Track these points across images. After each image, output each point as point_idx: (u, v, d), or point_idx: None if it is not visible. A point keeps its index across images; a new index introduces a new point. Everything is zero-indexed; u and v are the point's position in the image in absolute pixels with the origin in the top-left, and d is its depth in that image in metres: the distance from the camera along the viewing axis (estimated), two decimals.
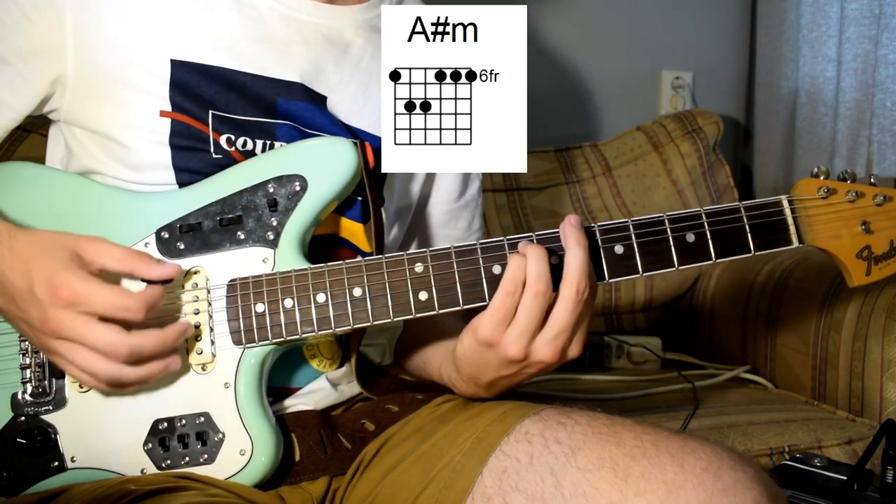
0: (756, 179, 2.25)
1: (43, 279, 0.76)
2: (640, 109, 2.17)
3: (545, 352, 0.82)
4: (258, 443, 0.83)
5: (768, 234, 0.89)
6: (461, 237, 1.11)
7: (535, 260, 0.82)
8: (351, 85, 0.95)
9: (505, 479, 0.79)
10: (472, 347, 0.85)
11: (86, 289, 0.76)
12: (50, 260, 0.77)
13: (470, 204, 1.11)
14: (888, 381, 1.32)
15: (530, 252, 0.82)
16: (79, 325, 0.76)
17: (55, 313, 0.76)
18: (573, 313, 0.81)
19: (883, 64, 1.90)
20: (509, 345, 0.81)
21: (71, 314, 0.76)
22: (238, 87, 0.89)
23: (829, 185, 0.90)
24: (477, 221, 1.13)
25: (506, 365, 0.83)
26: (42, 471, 0.84)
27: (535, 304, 0.81)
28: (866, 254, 0.90)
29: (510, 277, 0.81)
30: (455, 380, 0.92)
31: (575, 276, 0.81)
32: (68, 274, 0.76)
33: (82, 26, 0.87)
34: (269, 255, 0.86)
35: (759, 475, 0.75)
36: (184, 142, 0.88)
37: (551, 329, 0.81)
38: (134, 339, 0.77)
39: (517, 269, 0.81)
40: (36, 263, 0.77)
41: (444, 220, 1.09)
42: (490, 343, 0.82)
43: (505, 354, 0.82)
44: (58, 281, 0.76)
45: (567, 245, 0.83)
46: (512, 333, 0.81)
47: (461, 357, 0.87)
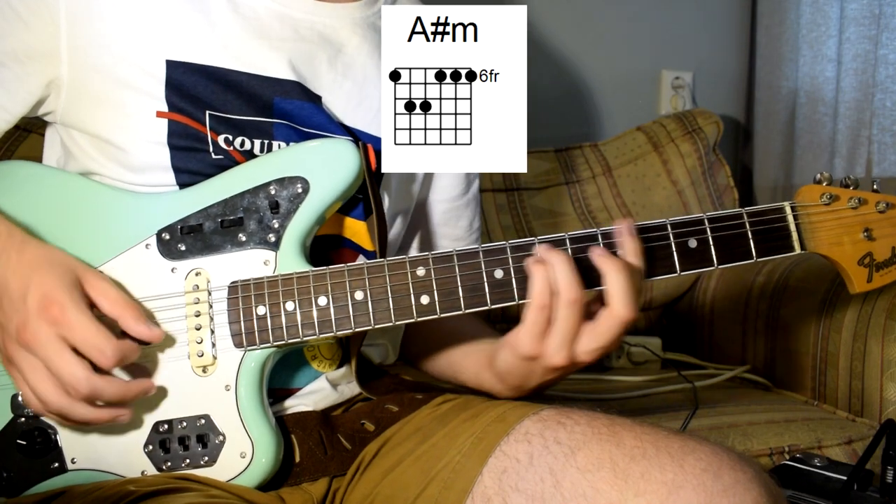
0: (756, 179, 2.25)
1: (39, 290, 0.77)
2: (640, 109, 2.17)
3: (588, 357, 0.83)
4: (259, 445, 0.83)
5: (770, 241, 0.89)
6: (462, 236, 1.11)
7: (561, 267, 0.82)
8: (345, 84, 0.95)
9: (505, 480, 0.79)
10: (514, 362, 0.87)
11: (75, 315, 0.76)
12: (53, 276, 0.78)
13: (472, 202, 1.11)
14: (888, 381, 1.32)
15: (555, 260, 0.82)
16: (53, 346, 0.76)
17: (36, 326, 0.76)
18: (619, 334, 0.83)
19: (883, 64, 1.90)
20: (552, 355, 0.83)
21: (50, 332, 0.76)
22: (234, 86, 0.89)
23: (832, 191, 0.90)
24: (477, 221, 1.13)
25: (551, 371, 0.85)
26: (42, 472, 0.84)
27: (572, 313, 0.82)
28: (868, 261, 0.90)
29: (539, 291, 0.82)
30: (499, 389, 0.94)
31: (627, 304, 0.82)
32: (65, 295, 0.77)
33: (77, 28, 0.87)
34: (271, 257, 0.86)
35: (759, 475, 0.75)
36: (182, 142, 0.88)
37: (594, 342, 0.83)
38: (97, 381, 0.76)
39: (542, 282, 0.82)
40: (39, 274, 0.78)
41: (446, 218, 1.09)
42: (532, 357, 0.84)
43: (549, 364, 0.83)
44: (53, 296, 0.76)
45: (628, 254, 0.84)
46: (553, 344, 0.82)
47: (504, 371, 0.90)
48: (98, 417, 0.79)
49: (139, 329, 0.79)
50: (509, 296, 0.86)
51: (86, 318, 0.77)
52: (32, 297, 0.76)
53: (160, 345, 0.84)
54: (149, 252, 0.86)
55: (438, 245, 1.10)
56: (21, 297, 0.77)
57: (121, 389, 0.79)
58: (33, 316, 0.76)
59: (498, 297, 0.86)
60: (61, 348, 0.76)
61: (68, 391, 0.77)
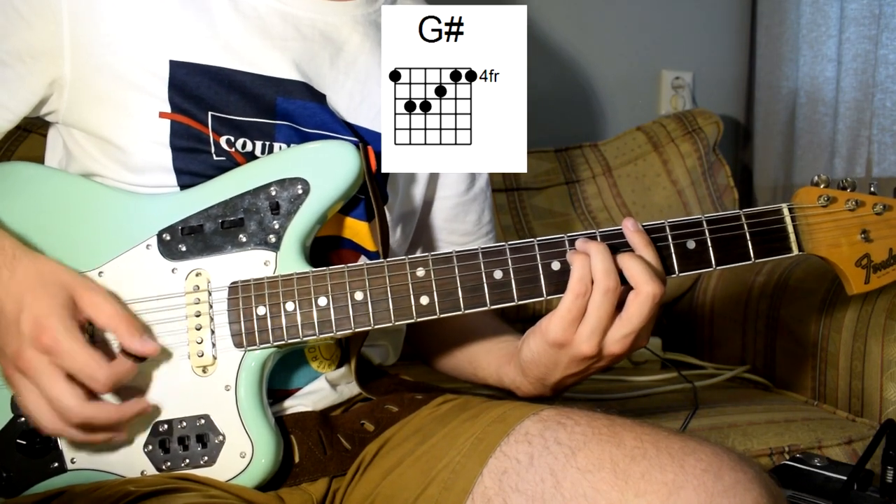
0: (756, 179, 2.25)
1: (31, 316, 0.77)
2: (640, 109, 2.17)
3: (618, 347, 0.84)
4: (258, 445, 0.83)
5: (768, 242, 0.90)
6: (470, 231, 1.11)
7: (600, 257, 0.83)
8: (347, 82, 0.95)
9: (505, 480, 0.79)
10: (541, 350, 0.87)
11: (66, 344, 0.76)
12: (45, 298, 0.77)
13: (478, 197, 1.11)
14: (888, 381, 1.32)
15: (594, 250, 0.84)
16: (46, 375, 0.76)
17: (30, 354, 0.76)
18: (649, 314, 0.83)
19: (883, 64, 1.90)
20: (582, 342, 0.83)
21: (44, 361, 0.76)
22: (238, 86, 0.89)
23: (830, 193, 0.91)
24: (487, 215, 1.13)
25: (577, 362, 0.86)
26: (42, 472, 0.84)
27: (606, 301, 0.83)
28: (865, 262, 0.90)
29: (578, 278, 0.83)
30: (520, 383, 0.94)
31: (649, 279, 0.82)
32: (57, 321, 0.76)
33: (79, 28, 0.87)
34: (271, 257, 0.86)
35: (759, 476, 0.75)
36: (184, 143, 0.88)
37: (624, 328, 0.84)
38: (89, 410, 0.77)
39: (583, 269, 0.83)
40: (31, 297, 0.77)
41: (452, 214, 1.09)
42: (561, 344, 0.84)
43: (578, 352, 0.84)
44: (45, 324, 0.76)
45: (636, 247, 0.85)
46: (584, 332, 0.83)
47: (528, 360, 0.90)
48: (93, 440, 0.80)
49: (135, 345, 0.79)
50: (508, 296, 0.86)
51: (77, 346, 0.76)
52: (25, 322, 0.77)
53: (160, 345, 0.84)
54: (149, 252, 0.86)
55: (448, 242, 1.10)
56: (15, 321, 0.77)
57: (114, 415, 0.79)
58: (27, 344, 0.76)
59: (497, 297, 0.86)
60: (55, 377, 0.76)
61: (63, 417, 0.77)
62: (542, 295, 0.86)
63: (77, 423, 0.77)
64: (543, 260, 0.86)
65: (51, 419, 0.77)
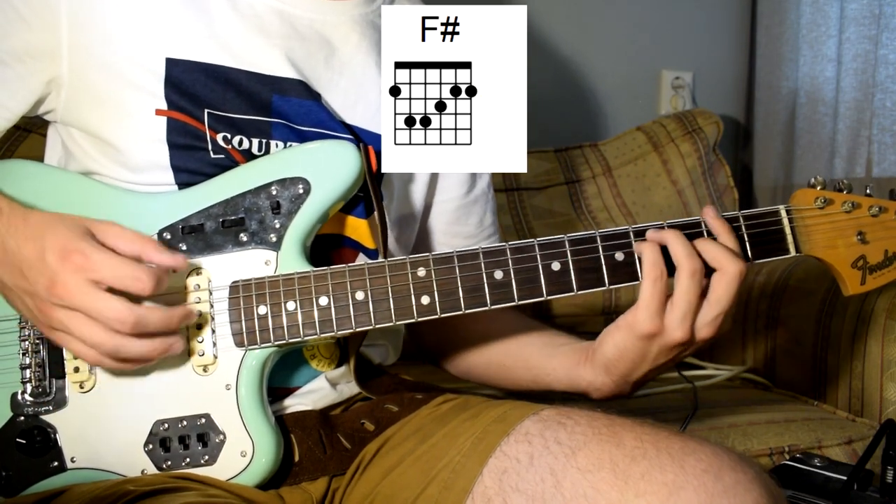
0: (756, 179, 2.25)
1: (56, 246, 0.76)
2: (640, 109, 2.17)
3: (708, 330, 0.85)
4: (259, 444, 0.83)
5: (766, 244, 0.91)
6: (473, 233, 1.10)
7: (680, 241, 0.85)
8: (341, 82, 0.95)
9: (505, 480, 0.79)
10: (629, 344, 0.87)
11: (98, 256, 0.76)
12: (65, 230, 0.78)
13: (480, 199, 1.10)
14: (888, 381, 1.32)
15: (670, 236, 0.85)
16: (87, 291, 0.76)
17: (65, 278, 0.76)
18: (736, 293, 0.84)
19: (883, 64, 1.90)
20: (674, 329, 0.84)
21: (80, 280, 0.76)
22: (234, 84, 0.89)
23: (826, 195, 0.92)
24: (489, 217, 1.12)
25: (668, 351, 0.86)
26: (42, 471, 0.84)
27: (694, 284, 0.84)
28: (861, 263, 0.91)
29: (652, 262, 0.84)
30: (602, 383, 0.93)
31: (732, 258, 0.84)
32: (82, 241, 0.77)
33: (78, 26, 0.87)
34: (272, 257, 0.86)
35: (759, 476, 0.75)
36: (181, 140, 0.88)
37: (713, 309, 0.84)
38: (140, 309, 0.77)
39: (654, 254, 0.84)
40: (50, 232, 0.78)
41: (454, 217, 1.09)
42: (652, 334, 0.85)
43: (671, 339, 0.84)
44: (71, 247, 0.76)
45: (718, 232, 0.87)
46: (675, 318, 0.84)
47: (614, 357, 0.89)
48: (153, 348, 0.79)
49: (163, 257, 0.79)
50: (509, 296, 0.86)
51: (109, 255, 0.77)
52: (51, 253, 0.76)
53: None
54: None
55: (451, 245, 1.09)
56: (40, 258, 0.77)
57: (165, 315, 0.79)
58: (58, 270, 0.76)
59: (498, 297, 0.86)
60: (95, 291, 0.76)
61: (116, 329, 0.77)
62: (542, 295, 0.86)
63: (130, 326, 0.76)
64: (544, 260, 0.86)
65: (106, 336, 0.77)
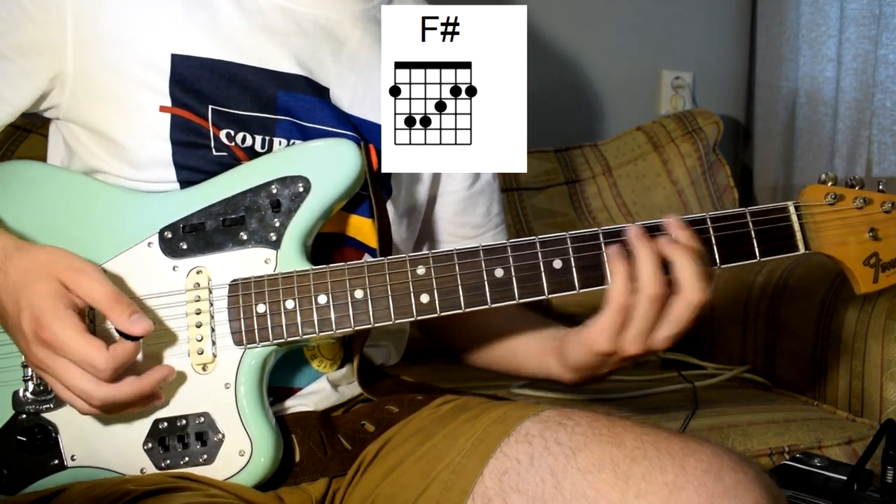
0: (756, 179, 2.25)
1: (29, 315, 0.78)
2: (640, 109, 2.17)
3: (663, 343, 0.85)
4: (258, 444, 0.83)
5: (774, 241, 0.88)
6: (480, 223, 1.10)
7: (647, 263, 0.83)
8: (351, 77, 0.96)
9: (505, 481, 0.79)
10: (588, 358, 0.89)
11: (63, 336, 0.76)
12: (37, 294, 0.78)
13: (485, 189, 1.10)
14: (888, 381, 1.32)
15: (642, 254, 0.83)
16: (57, 365, 0.78)
17: (36, 350, 0.78)
18: (692, 319, 0.84)
19: (883, 64, 1.90)
20: (628, 346, 0.84)
21: (50, 354, 0.77)
22: (239, 80, 0.89)
23: (837, 191, 0.89)
24: (495, 207, 1.11)
25: (624, 360, 0.87)
26: (42, 469, 0.84)
27: (652, 308, 0.83)
28: (874, 261, 0.89)
29: (619, 292, 0.83)
30: (569, 379, 0.96)
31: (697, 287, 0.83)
32: (51, 317, 0.77)
33: (83, 22, 0.87)
34: (272, 255, 0.86)
35: (759, 476, 0.75)
36: (184, 137, 0.88)
37: (670, 329, 0.84)
38: (107, 391, 0.78)
39: (623, 283, 0.83)
40: (25, 295, 0.78)
41: (461, 208, 1.08)
42: (609, 354, 0.86)
43: (627, 354, 0.85)
44: (41, 320, 0.77)
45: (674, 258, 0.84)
46: (629, 338, 0.84)
47: (575, 365, 0.92)
48: (130, 411, 0.81)
49: (125, 325, 0.79)
50: (509, 295, 0.86)
51: (73, 336, 0.77)
52: (25, 322, 0.78)
53: (160, 342, 0.84)
54: (151, 250, 0.86)
55: (459, 236, 1.09)
56: (17, 321, 0.79)
57: (135, 388, 0.79)
58: (32, 342, 0.78)
59: (498, 296, 0.86)
60: (65, 366, 0.77)
61: (86, 401, 0.78)
62: (543, 294, 0.86)
63: (99, 405, 0.78)
64: (545, 258, 0.86)
65: (80, 404, 0.79)
